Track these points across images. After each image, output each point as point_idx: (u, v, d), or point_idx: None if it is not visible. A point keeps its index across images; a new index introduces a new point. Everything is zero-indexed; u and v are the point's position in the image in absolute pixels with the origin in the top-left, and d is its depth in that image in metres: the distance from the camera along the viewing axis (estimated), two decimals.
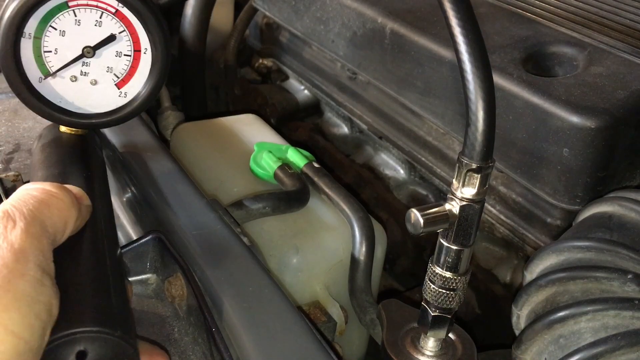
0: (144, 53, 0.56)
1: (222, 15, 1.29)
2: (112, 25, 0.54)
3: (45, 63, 0.54)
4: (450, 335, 0.58)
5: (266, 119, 0.96)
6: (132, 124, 0.73)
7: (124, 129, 0.72)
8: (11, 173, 0.63)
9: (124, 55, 0.56)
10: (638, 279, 0.48)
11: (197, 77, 1.18)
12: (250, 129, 0.87)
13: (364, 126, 0.95)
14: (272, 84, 1.19)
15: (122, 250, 0.56)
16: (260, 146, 0.79)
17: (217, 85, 1.26)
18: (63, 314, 0.37)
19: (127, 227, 0.69)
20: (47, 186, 0.41)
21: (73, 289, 0.39)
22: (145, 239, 0.56)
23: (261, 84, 1.21)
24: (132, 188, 0.68)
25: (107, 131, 0.72)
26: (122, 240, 0.69)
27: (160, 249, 0.56)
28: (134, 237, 0.65)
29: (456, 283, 0.52)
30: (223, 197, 0.70)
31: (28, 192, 0.40)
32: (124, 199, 0.71)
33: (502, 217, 0.75)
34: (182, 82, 1.19)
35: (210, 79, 1.24)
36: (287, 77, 1.17)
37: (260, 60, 1.19)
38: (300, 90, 1.13)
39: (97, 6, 0.53)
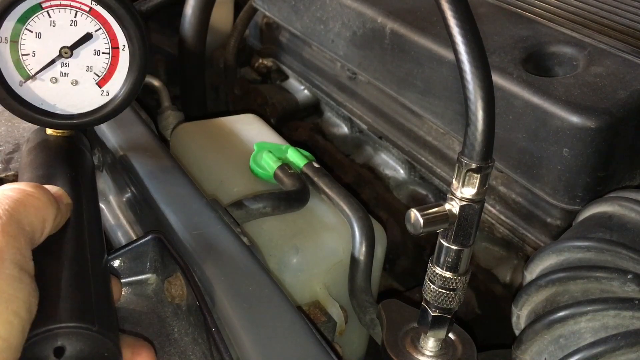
0: (122, 50, 0.55)
1: (222, 15, 1.29)
2: (87, 24, 0.54)
3: (24, 66, 0.54)
4: (450, 335, 0.58)
5: (266, 118, 0.96)
6: (132, 124, 0.73)
7: (124, 129, 0.72)
8: (11, 173, 0.63)
9: (103, 53, 0.55)
10: (638, 279, 0.48)
11: (196, 77, 1.18)
12: (250, 129, 0.87)
13: (363, 126, 0.95)
14: (272, 83, 1.19)
15: (122, 251, 0.56)
16: (260, 146, 0.79)
17: (217, 85, 1.26)
18: (41, 310, 0.37)
19: (126, 227, 0.69)
20: (23, 186, 0.41)
21: (52, 287, 0.39)
22: (145, 239, 0.56)
23: (261, 83, 1.21)
24: (132, 188, 0.68)
25: (107, 131, 0.72)
26: (122, 240, 0.69)
27: (160, 249, 0.56)
28: (134, 237, 0.66)
29: (456, 283, 0.52)
30: (223, 197, 0.70)
31: (3, 193, 0.40)
32: (124, 199, 0.71)
33: (502, 217, 0.75)
34: (182, 82, 1.19)
35: (210, 79, 1.24)
36: (287, 77, 1.17)
37: (260, 60, 1.19)
38: (300, 90, 1.13)
39: (70, 5, 0.53)
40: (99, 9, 0.53)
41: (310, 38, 0.95)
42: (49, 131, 0.57)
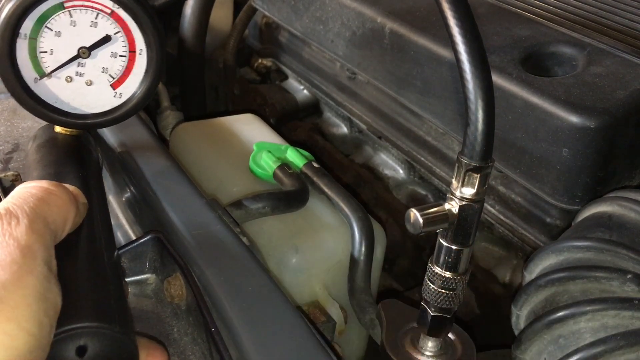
0: (139, 54, 0.56)
1: (222, 15, 1.29)
2: (107, 26, 0.54)
3: (41, 64, 0.54)
4: (450, 335, 0.58)
5: (265, 118, 0.96)
6: (132, 124, 0.73)
7: (123, 128, 0.72)
8: (10, 173, 0.63)
9: (119, 56, 0.56)
10: (637, 278, 0.48)
11: (196, 77, 1.18)
12: (250, 129, 0.87)
13: (363, 126, 0.95)
14: (272, 83, 1.19)
15: (122, 250, 0.56)
16: (259, 146, 0.79)
17: (217, 85, 1.26)
18: (63, 309, 0.37)
19: (126, 227, 0.69)
20: (45, 184, 0.41)
21: (72, 286, 0.39)
22: (145, 238, 0.56)
23: (260, 83, 1.21)
24: (132, 188, 0.68)
25: (106, 131, 0.72)
26: (121, 240, 0.69)
27: (159, 249, 0.56)
28: (133, 237, 0.65)
29: (455, 283, 0.52)
30: (222, 197, 0.70)
31: (27, 190, 0.40)
32: (123, 199, 0.71)
33: (501, 217, 0.75)
34: (182, 82, 1.19)
35: (209, 79, 1.24)
36: (286, 77, 1.17)
37: (260, 60, 1.19)
38: (300, 90, 1.13)
39: (92, 7, 0.53)
40: (121, 12, 0.54)
41: (310, 38, 0.95)
42: (57, 129, 0.57)
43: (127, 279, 0.56)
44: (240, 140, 0.84)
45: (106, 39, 0.55)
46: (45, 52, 0.54)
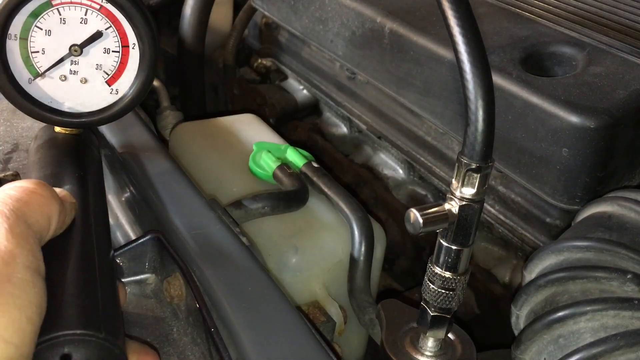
0: (132, 48, 0.55)
1: (221, 15, 1.29)
2: (97, 22, 0.54)
3: (34, 64, 0.54)
4: (450, 335, 0.58)
5: (265, 118, 0.96)
6: (131, 124, 0.73)
7: (122, 128, 0.72)
8: (9, 172, 0.63)
9: (112, 51, 0.55)
10: (637, 278, 0.48)
11: (196, 77, 1.18)
12: (249, 129, 0.87)
13: (363, 126, 0.95)
14: (271, 83, 1.19)
15: (121, 250, 0.56)
16: (259, 146, 0.79)
17: (216, 85, 1.26)
18: (46, 316, 0.36)
19: (125, 227, 0.69)
20: (25, 183, 0.40)
21: (58, 290, 0.38)
22: (144, 238, 0.56)
23: (260, 83, 1.21)
24: (131, 188, 0.68)
25: (105, 131, 0.72)
26: (120, 240, 0.68)
27: (159, 249, 0.56)
28: (133, 237, 0.65)
29: (455, 283, 0.52)
30: (222, 197, 0.69)
31: (5, 193, 0.39)
32: (123, 199, 0.71)
33: (501, 217, 0.75)
34: (181, 81, 1.19)
35: (209, 79, 1.24)
36: (286, 77, 1.17)
37: (259, 60, 1.19)
38: (299, 90, 1.13)
39: (81, 3, 0.53)
40: (110, 7, 0.53)
41: (310, 38, 0.95)
42: (57, 129, 0.57)
43: (126, 279, 0.56)
44: (240, 140, 0.84)
45: (97, 35, 0.54)
46: (37, 51, 0.54)
